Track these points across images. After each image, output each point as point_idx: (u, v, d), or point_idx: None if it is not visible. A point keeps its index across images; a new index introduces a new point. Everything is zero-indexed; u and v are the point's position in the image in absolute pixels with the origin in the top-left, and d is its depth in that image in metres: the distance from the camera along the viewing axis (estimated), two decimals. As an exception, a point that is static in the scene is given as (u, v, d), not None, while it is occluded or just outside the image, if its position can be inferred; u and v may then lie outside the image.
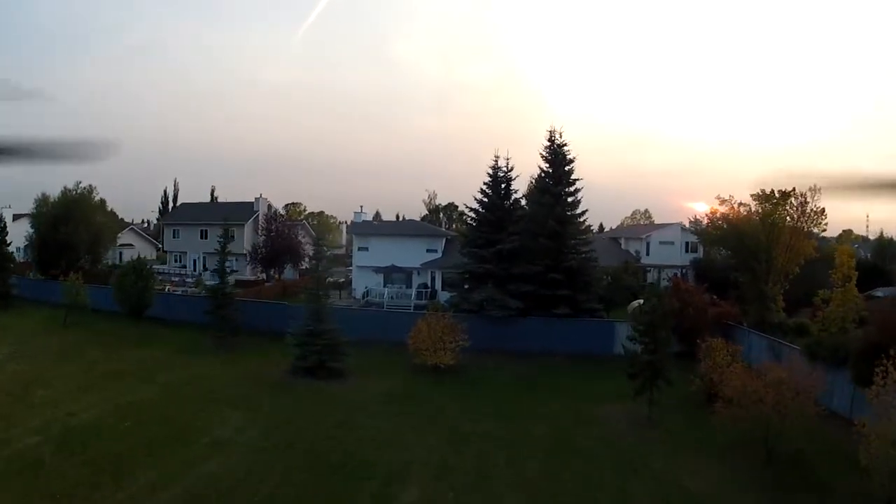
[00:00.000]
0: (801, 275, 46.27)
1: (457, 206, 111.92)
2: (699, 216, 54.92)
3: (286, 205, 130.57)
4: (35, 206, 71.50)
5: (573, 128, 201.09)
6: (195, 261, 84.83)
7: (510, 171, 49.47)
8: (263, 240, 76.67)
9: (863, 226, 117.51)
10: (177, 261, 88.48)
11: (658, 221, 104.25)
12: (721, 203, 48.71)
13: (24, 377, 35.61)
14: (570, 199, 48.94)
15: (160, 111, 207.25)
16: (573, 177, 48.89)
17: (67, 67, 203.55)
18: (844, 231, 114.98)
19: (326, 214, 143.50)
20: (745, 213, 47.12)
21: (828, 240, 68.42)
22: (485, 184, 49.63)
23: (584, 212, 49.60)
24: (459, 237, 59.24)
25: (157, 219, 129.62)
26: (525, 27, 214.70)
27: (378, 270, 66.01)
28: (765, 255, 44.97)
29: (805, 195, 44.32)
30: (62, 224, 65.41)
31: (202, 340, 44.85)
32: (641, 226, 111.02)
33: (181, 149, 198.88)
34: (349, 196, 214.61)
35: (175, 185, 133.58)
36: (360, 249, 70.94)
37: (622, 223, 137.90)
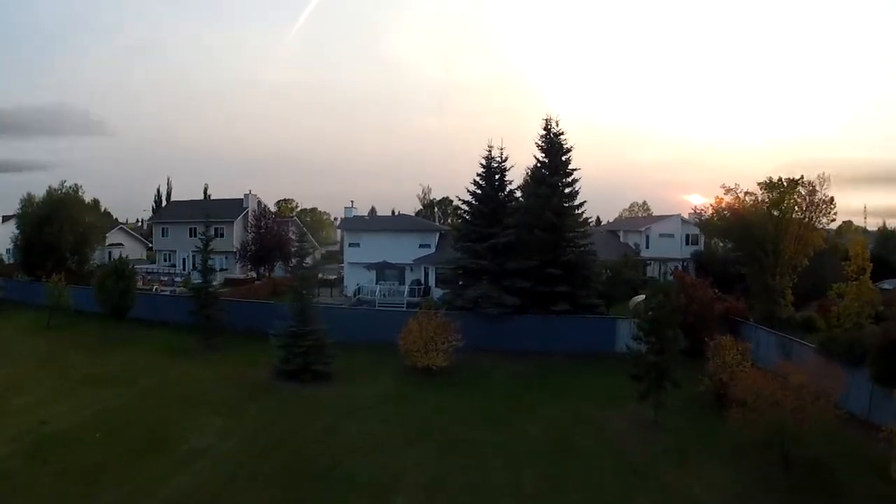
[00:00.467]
0: (808, 267, 44.66)
1: (451, 201, 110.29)
2: (702, 207, 52.76)
3: (278, 201, 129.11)
4: (20, 207, 70.00)
5: (569, 124, 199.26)
6: (184, 259, 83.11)
7: (504, 162, 47.39)
8: (252, 237, 74.99)
9: (860, 217, 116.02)
10: (166, 260, 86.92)
11: (654, 215, 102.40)
12: (726, 192, 46.74)
13: (2, 383, 34.56)
14: (568, 191, 46.83)
15: (157, 110, 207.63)
16: (570, 167, 46.91)
17: (67, 67, 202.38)
18: (844, 222, 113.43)
19: (320, 211, 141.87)
20: (752, 203, 45.17)
21: (828, 231, 66.86)
22: (478, 175, 47.50)
23: (583, 203, 47.56)
24: (453, 232, 57.22)
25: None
26: (523, 26, 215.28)
27: (370, 267, 64.25)
28: (772, 247, 43.21)
29: (814, 183, 42.57)
30: (47, 225, 64.28)
31: (186, 342, 43.54)
32: (640, 218, 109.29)
33: (177, 148, 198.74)
34: (345, 194, 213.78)
35: (168, 184, 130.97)
36: (352, 245, 69.31)
37: (620, 216, 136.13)
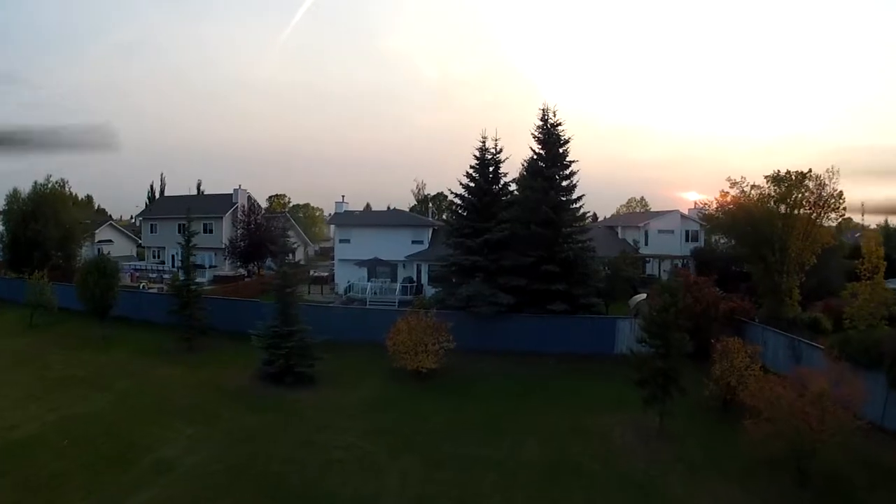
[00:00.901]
0: (813, 265, 42.90)
1: (446, 196, 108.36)
2: (706, 202, 50.70)
3: (270, 197, 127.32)
4: (6, 203, 68.45)
5: (566, 120, 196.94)
6: (173, 256, 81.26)
7: (499, 154, 45.27)
8: (241, 233, 73.04)
9: (858, 214, 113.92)
10: (155, 256, 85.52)
11: (652, 211, 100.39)
12: (731, 185, 44.62)
13: (-25, 385, 32.86)
14: (566, 184, 44.71)
15: (151, 107, 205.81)
16: (568, 159, 44.75)
17: (61, 65, 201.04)
18: (843, 219, 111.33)
19: (313, 207, 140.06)
20: (758, 197, 43.18)
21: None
22: (471, 167, 45.41)
23: (581, 197, 45.32)
24: (447, 227, 55.20)
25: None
26: (520, 23, 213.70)
27: (361, 264, 62.27)
28: (779, 244, 41.30)
29: (822, 177, 40.64)
30: (32, 220, 63.57)
31: (167, 343, 41.96)
32: (639, 214, 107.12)
33: (173, 145, 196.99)
34: (340, 190, 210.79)
35: (162, 180, 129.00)
36: (342, 242, 67.53)
37: (617, 212, 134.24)
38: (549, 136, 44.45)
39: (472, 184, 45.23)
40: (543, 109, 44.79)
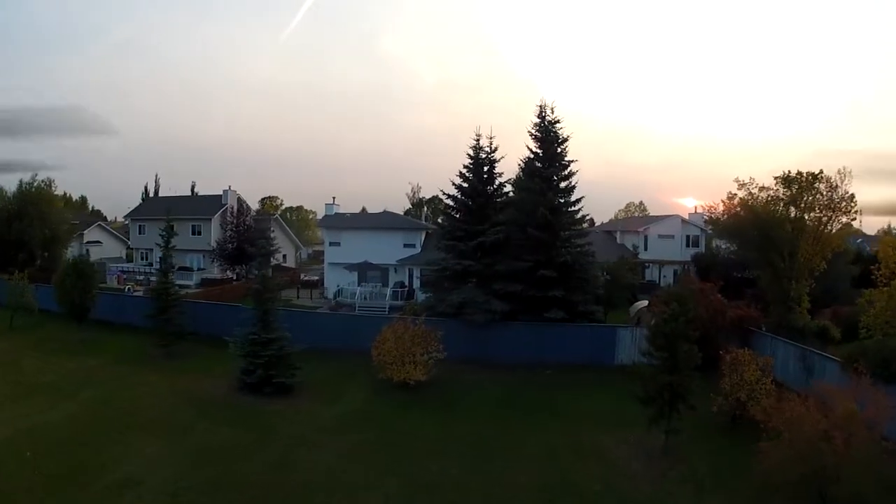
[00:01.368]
0: (823, 271, 41.09)
1: (442, 200, 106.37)
2: (712, 204, 48.56)
3: (262, 199, 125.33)
4: None
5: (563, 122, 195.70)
6: (161, 258, 78.67)
7: (494, 153, 42.94)
8: (229, 235, 71.02)
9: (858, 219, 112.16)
10: (143, 258, 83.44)
11: (651, 215, 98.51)
12: (740, 187, 42.54)
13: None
14: (564, 185, 42.44)
15: (149, 107, 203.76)
16: (567, 158, 42.45)
17: (58, 65, 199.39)
18: (844, 224, 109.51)
19: (306, 209, 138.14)
20: (768, 199, 41.15)
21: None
22: (465, 166, 43.06)
23: (580, 199, 43.05)
24: (439, 230, 53.06)
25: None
26: (516, 25, 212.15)
27: (351, 268, 60.27)
28: (789, 248, 39.28)
29: (834, 178, 38.67)
30: (17, 220, 62.54)
31: (146, 348, 39.95)
32: (638, 218, 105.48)
33: (169, 145, 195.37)
34: (335, 193, 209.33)
35: (156, 181, 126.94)
36: (332, 244, 65.58)
37: (615, 216, 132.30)
38: (547, 135, 42.13)
39: (466, 184, 42.95)
40: (541, 106, 42.51)
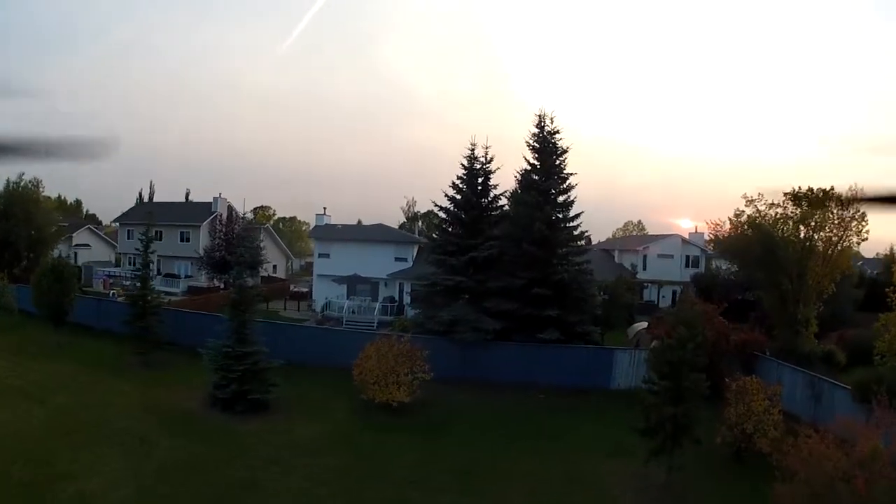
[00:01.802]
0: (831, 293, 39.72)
1: (437, 215, 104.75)
2: (717, 221, 46.73)
3: (255, 208, 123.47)
4: None
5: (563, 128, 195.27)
6: (149, 264, 76.78)
7: (489, 164, 41.07)
8: (218, 243, 69.10)
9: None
10: (131, 263, 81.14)
11: (650, 234, 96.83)
12: (748, 203, 40.69)
13: None
14: (562, 199, 40.70)
15: (146, 111, 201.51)
16: (566, 171, 40.69)
17: (55, 66, 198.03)
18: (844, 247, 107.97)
19: (299, 220, 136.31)
20: (777, 217, 39.36)
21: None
22: (458, 177, 41.17)
23: (579, 214, 41.27)
24: (430, 243, 51.11)
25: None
26: (515, 42, 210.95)
27: (340, 280, 58.30)
28: (797, 269, 37.45)
29: (846, 197, 36.88)
30: (3, 219, 60.44)
31: (122, 355, 38.15)
32: (637, 237, 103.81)
33: (165, 152, 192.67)
34: (329, 205, 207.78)
35: (151, 187, 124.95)
36: (321, 256, 63.75)
37: (613, 235, 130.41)
38: (546, 146, 40.35)
39: (459, 196, 41.09)
40: (540, 115, 40.73)
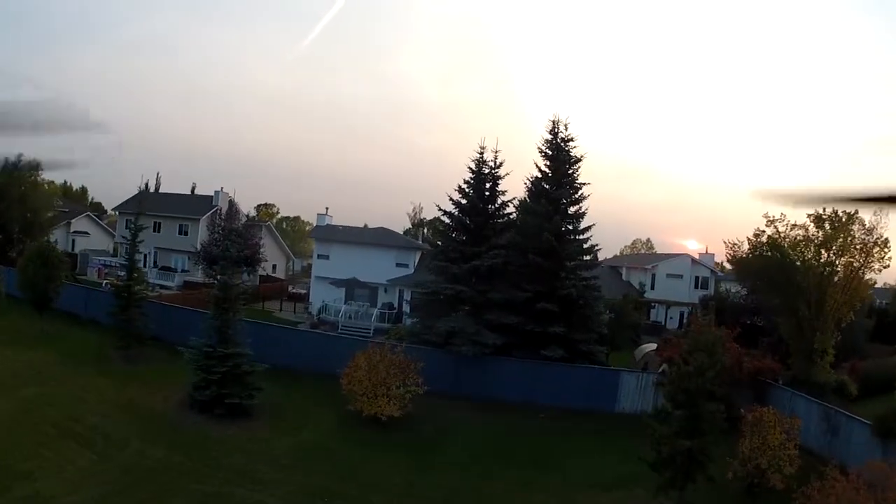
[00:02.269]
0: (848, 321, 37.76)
1: (441, 219, 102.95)
2: (735, 241, 44.57)
3: (258, 206, 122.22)
4: None
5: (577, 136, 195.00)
6: (146, 255, 75.71)
7: (498, 168, 38.86)
8: (216, 238, 67.21)
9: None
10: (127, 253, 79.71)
11: (658, 253, 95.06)
12: (768, 224, 38.59)
13: None
14: (573, 210, 38.69)
15: (156, 107, 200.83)
16: (578, 181, 38.67)
17: (69, 58, 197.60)
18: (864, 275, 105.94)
19: (303, 221, 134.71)
20: (798, 239, 37.41)
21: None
22: (465, 181, 38.91)
23: (590, 227, 39.23)
24: (432, 249, 49.06)
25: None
26: (526, 55, 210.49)
27: (338, 284, 56.40)
28: (816, 295, 35.56)
29: (870, 221, 35.21)
30: None
31: (105, 347, 36.47)
32: (646, 255, 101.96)
33: (175, 146, 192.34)
34: (334, 207, 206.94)
35: (157, 179, 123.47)
36: (320, 257, 61.90)
37: (620, 252, 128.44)
38: (558, 153, 38.39)
39: (465, 200, 38.88)
40: (554, 121, 38.75)
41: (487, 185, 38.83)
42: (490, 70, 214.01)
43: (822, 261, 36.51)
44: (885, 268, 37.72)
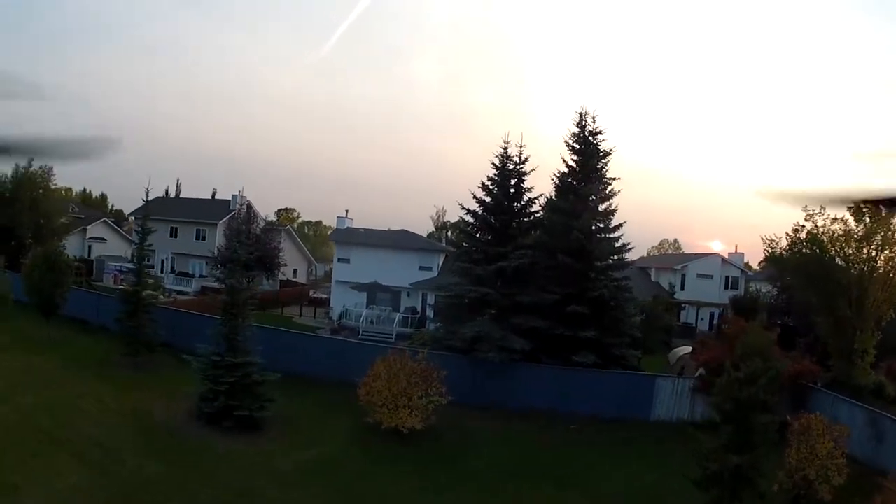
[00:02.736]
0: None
1: (464, 219, 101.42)
2: (773, 237, 42.50)
3: (278, 210, 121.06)
4: None
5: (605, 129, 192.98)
6: (163, 261, 75.93)
7: (523, 164, 36.80)
8: (232, 242, 65.99)
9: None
10: (146, 259, 78.74)
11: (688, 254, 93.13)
12: (808, 218, 36.65)
13: None
14: (603, 207, 36.75)
15: (176, 111, 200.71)
16: (608, 176, 36.72)
17: (87, 64, 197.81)
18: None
19: (325, 225, 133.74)
20: (839, 234, 35.56)
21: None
22: (488, 178, 36.93)
23: (621, 225, 37.23)
24: (455, 251, 47.24)
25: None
26: (547, 55, 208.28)
27: (359, 288, 54.78)
28: (856, 291, 33.79)
29: None
30: (7, 206, 58.79)
31: (112, 354, 34.98)
32: (675, 255, 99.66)
33: (196, 151, 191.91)
34: (359, 212, 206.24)
35: (178, 185, 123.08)
36: (341, 261, 60.39)
37: (647, 253, 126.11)
38: (587, 147, 36.49)
39: (489, 198, 36.96)
40: (581, 113, 36.83)
41: (512, 182, 36.84)
42: (508, 73, 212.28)
43: (863, 256, 34.82)
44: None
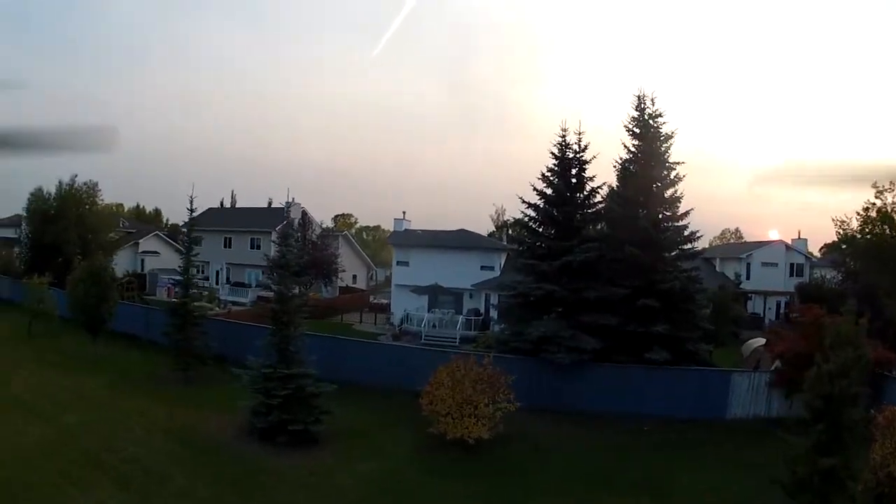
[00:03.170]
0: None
1: (525, 213, 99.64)
2: (843, 218, 40.45)
3: (335, 216, 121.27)
4: (28, 202, 64.04)
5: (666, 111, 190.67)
6: (217, 272, 77.15)
7: (583, 152, 34.74)
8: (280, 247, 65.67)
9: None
10: (199, 271, 78.54)
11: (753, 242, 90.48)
12: (878, 195, 34.57)
13: None
14: (668, 193, 34.45)
15: (238, 124, 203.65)
16: (671, 160, 34.44)
17: (133, 77, 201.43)
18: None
19: (384, 229, 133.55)
20: None
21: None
22: (548, 169, 34.97)
23: (688, 212, 34.72)
24: (517, 247, 45.51)
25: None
26: (608, 54, 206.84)
27: (420, 291, 53.70)
28: None
29: None
30: (52, 223, 59.69)
31: (162, 370, 34.42)
32: (739, 244, 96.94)
33: (247, 161, 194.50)
34: (417, 215, 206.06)
35: (233, 196, 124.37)
36: (400, 264, 59.27)
37: (710, 243, 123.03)
38: (647, 131, 34.37)
39: (550, 190, 35.03)
40: (639, 96, 34.71)
41: (573, 171, 34.89)
42: (568, 73, 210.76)
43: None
44: None
